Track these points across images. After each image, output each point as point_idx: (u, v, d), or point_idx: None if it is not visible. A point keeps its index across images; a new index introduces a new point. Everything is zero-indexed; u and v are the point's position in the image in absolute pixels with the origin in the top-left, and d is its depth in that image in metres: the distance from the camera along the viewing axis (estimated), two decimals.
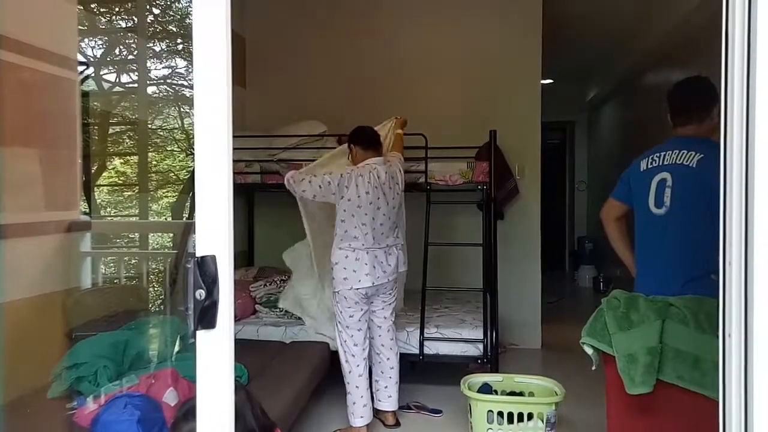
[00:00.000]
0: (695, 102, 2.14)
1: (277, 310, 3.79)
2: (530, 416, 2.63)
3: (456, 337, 3.46)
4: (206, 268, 0.97)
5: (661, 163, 2.17)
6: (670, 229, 2.13)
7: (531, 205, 4.65)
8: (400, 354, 3.18)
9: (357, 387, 2.90)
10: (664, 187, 2.16)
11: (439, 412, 3.29)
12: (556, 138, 8.42)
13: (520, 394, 2.87)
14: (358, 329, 2.92)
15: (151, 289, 3.10)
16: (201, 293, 0.96)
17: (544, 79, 4.78)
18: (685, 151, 2.08)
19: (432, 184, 3.71)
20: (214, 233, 0.98)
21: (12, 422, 1.63)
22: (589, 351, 1.91)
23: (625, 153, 5.58)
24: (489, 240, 3.76)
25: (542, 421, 2.61)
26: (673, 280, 2.06)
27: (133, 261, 3.16)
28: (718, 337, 1.06)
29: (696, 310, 1.78)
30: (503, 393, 2.88)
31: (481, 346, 3.41)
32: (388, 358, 3.08)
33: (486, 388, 2.88)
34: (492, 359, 3.39)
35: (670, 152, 2.13)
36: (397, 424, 3.12)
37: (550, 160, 6.45)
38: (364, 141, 3.03)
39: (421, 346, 3.44)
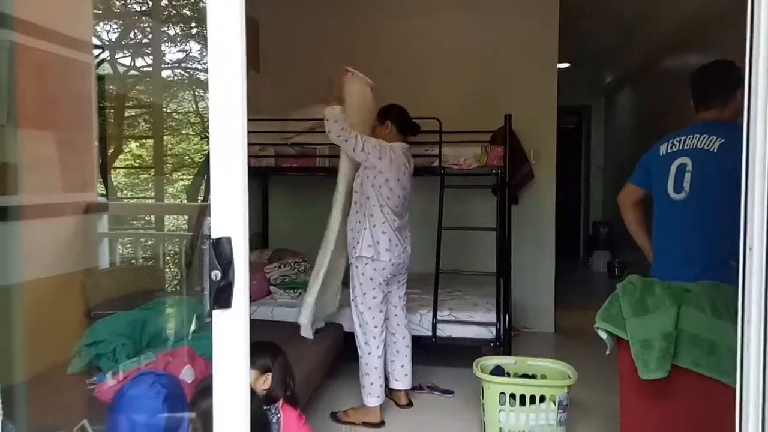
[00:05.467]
0: (718, 86, 2.10)
1: (291, 291, 3.82)
2: (542, 399, 2.64)
3: (469, 320, 3.47)
4: (221, 250, 0.98)
5: (681, 148, 2.14)
6: (688, 214, 2.10)
7: (546, 189, 4.62)
8: (413, 336, 3.20)
9: (376, 368, 2.93)
10: (683, 172, 2.13)
11: (451, 392, 3.31)
12: (572, 122, 8.31)
13: (533, 377, 2.88)
14: (380, 311, 2.94)
15: (167, 270, 3.14)
16: (216, 274, 0.97)
17: (561, 62, 4.70)
18: (706, 136, 2.05)
19: (446, 168, 3.69)
20: (229, 216, 0.98)
21: (34, 397, 1.67)
22: (603, 336, 1.90)
23: (642, 138, 5.50)
24: (503, 225, 3.74)
25: (554, 404, 2.61)
26: (691, 266, 2.04)
27: (150, 242, 3.20)
28: (735, 323, 1.05)
29: (713, 297, 1.76)
30: (515, 376, 2.88)
31: (494, 329, 3.41)
32: (403, 337, 3.10)
33: (498, 371, 2.89)
34: (505, 342, 3.40)
35: (691, 137, 2.10)
36: (410, 404, 3.15)
37: (566, 144, 6.37)
38: (404, 125, 3.04)
39: (434, 328, 3.46)
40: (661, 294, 1.83)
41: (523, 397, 2.64)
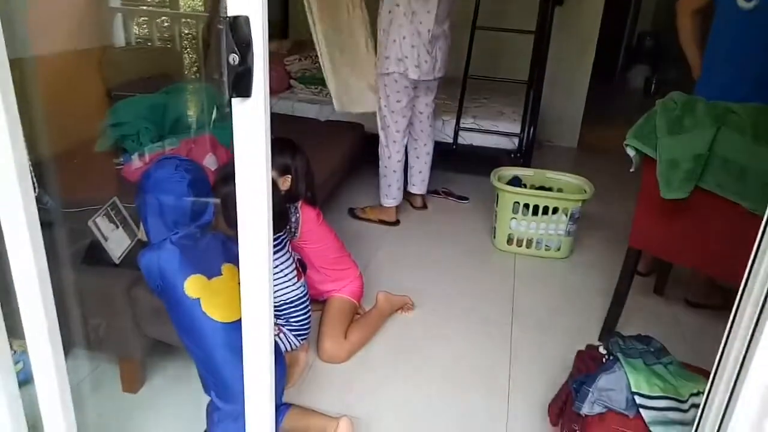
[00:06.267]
0: None
1: (313, 87, 3.73)
2: (555, 210, 2.70)
3: (492, 129, 3.41)
4: (239, 31, 0.89)
5: None
6: (753, 25, 1.91)
7: None
8: (435, 142, 3.18)
9: (394, 171, 2.96)
10: None
11: (465, 199, 3.41)
12: None
13: (549, 189, 2.91)
14: (403, 116, 2.87)
15: (185, 54, 3.02)
16: (234, 58, 0.90)
17: None
18: None
19: None
20: None
21: (65, 173, 1.73)
22: (631, 153, 1.85)
23: None
24: (543, 27, 3.45)
25: (566, 216, 2.68)
26: (741, 84, 1.91)
27: (166, 23, 3.02)
28: None
29: (757, 119, 1.65)
30: (532, 187, 2.92)
31: (516, 140, 3.37)
32: (425, 144, 3.09)
33: (516, 182, 2.93)
34: (526, 154, 3.39)
35: None
36: (425, 206, 3.27)
37: None
38: None
39: (456, 135, 3.42)
40: (703, 114, 1.73)
41: (536, 208, 2.71)
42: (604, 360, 1.54)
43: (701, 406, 0.99)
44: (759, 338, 0.87)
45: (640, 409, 1.38)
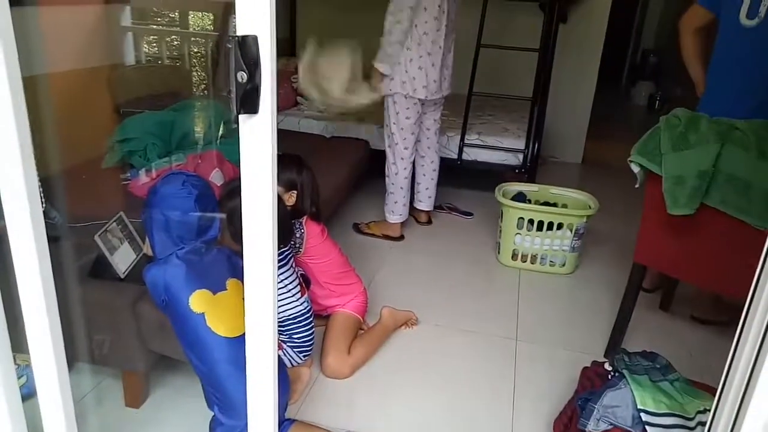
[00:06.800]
0: None
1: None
2: (560, 226, 2.70)
3: (496, 145, 3.43)
4: (247, 50, 0.91)
5: None
6: (756, 43, 1.92)
7: (599, 7, 4.21)
8: (440, 158, 3.19)
9: (401, 188, 2.97)
10: None
11: (470, 214, 3.41)
12: None
13: (554, 205, 2.91)
14: (412, 133, 2.88)
15: (194, 72, 3.06)
16: (243, 76, 0.92)
17: None
18: None
19: None
20: (256, 11, 0.90)
21: (72, 188, 1.75)
22: (636, 169, 1.85)
23: None
24: (547, 45, 3.48)
25: (571, 231, 2.68)
26: (745, 101, 1.92)
27: (175, 41, 3.06)
28: None
29: (762, 136, 1.66)
30: (537, 203, 2.92)
31: (521, 156, 3.38)
32: (432, 161, 3.10)
33: (520, 197, 2.93)
34: (530, 170, 3.39)
35: None
36: (430, 222, 3.27)
37: None
38: None
39: (461, 151, 3.44)
40: (707, 130, 1.73)
41: (541, 224, 2.71)
42: (609, 376, 1.53)
43: (708, 424, 0.98)
44: (766, 354, 0.86)
45: (646, 427, 1.37)
